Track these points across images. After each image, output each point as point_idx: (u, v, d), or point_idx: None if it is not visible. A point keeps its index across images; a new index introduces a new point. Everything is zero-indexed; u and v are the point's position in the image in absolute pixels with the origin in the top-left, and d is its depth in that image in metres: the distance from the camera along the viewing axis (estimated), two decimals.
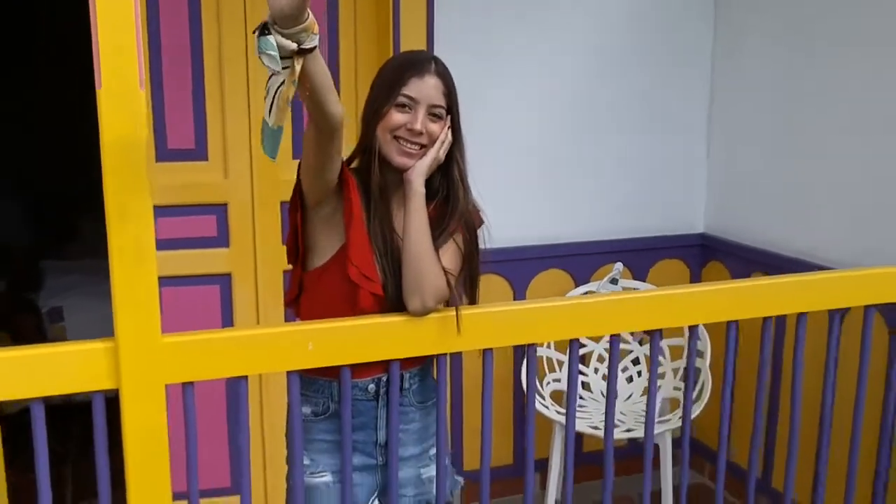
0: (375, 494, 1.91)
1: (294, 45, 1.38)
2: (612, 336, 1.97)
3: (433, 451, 1.95)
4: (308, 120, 1.66)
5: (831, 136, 2.98)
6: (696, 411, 2.93)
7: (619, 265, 3.29)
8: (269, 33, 1.36)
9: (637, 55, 3.40)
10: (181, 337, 1.68)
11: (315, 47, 1.42)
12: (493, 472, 1.94)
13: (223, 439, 3.18)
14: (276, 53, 1.36)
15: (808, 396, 2.56)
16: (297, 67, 1.40)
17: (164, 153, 3.01)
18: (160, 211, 2.90)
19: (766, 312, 2.16)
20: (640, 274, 3.49)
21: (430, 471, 1.95)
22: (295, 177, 1.83)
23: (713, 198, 3.56)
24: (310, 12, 1.39)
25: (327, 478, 1.86)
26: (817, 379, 2.35)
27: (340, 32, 3.14)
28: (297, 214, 1.80)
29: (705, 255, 3.56)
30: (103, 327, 3.75)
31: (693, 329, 2.09)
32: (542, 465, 3.17)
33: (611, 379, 1.96)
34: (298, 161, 1.82)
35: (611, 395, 1.95)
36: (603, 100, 3.40)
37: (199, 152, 3.04)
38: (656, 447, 2.96)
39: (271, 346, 1.74)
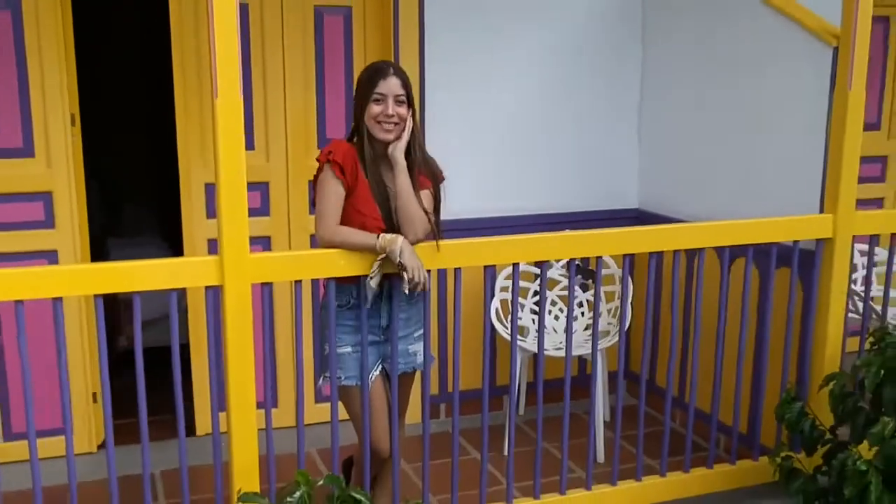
0: (379, 361, 2.90)
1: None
2: (569, 260, 2.97)
3: (417, 333, 2.94)
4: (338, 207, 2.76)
5: (727, 133, 3.97)
6: (611, 342, 3.89)
7: (567, 231, 4.27)
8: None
9: (585, 68, 4.38)
10: (259, 255, 2.69)
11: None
12: (463, 394, 2.94)
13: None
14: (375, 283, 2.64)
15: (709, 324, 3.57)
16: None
17: None
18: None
19: (675, 246, 3.17)
20: None
21: (415, 346, 2.94)
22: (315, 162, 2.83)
23: (643, 180, 4.54)
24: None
25: (348, 349, 2.84)
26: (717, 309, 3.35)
27: (354, 53, 4.12)
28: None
29: (639, 225, 4.54)
30: (158, 293, 4.81)
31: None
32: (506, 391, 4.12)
33: (571, 290, 2.94)
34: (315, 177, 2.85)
35: (569, 322, 2.93)
36: (557, 102, 4.38)
37: (248, 143, 4.01)
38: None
39: (315, 262, 2.74)
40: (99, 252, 5.05)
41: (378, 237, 2.69)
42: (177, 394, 2.70)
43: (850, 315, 3.61)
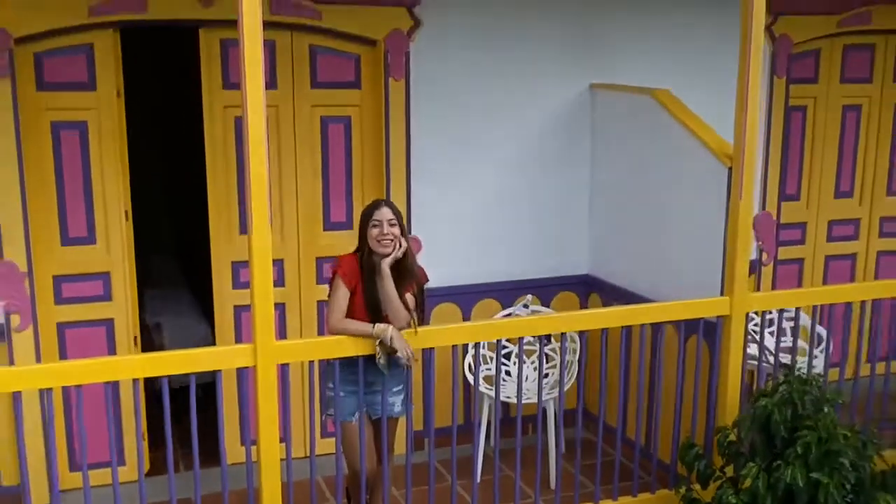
0: (364, 407, 3.84)
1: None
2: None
3: (395, 388, 3.87)
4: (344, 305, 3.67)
5: (654, 222, 4.89)
6: (567, 385, 4.82)
7: (529, 296, 5.21)
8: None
9: (544, 160, 5.30)
10: (282, 342, 3.61)
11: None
12: (437, 431, 3.85)
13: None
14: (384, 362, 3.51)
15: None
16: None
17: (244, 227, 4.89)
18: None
19: (604, 325, 4.12)
20: (545, 302, 5.39)
21: (394, 398, 3.88)
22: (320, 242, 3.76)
23: (592, 251, 5.46)
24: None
25: (341, 394, 3.77)
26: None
27: (353, 153, 5.03)
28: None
29: (588, 288, 5.46)
30: (187, 335, 5.74)
31: (563, 335, 4.01)
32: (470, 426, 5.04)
33: (520, 364, 3.87)
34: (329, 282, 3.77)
35: (522, 376, 3.85)
36: (519, 188, 5.30)
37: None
38: (545, 411, 4.87)
39: (326, 347, 3.67)
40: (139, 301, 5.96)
41: (373, 326, 3.62)
42: (221, 446, 3.62)
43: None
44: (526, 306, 5.20)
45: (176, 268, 7.02)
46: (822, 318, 4.88)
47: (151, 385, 5.25)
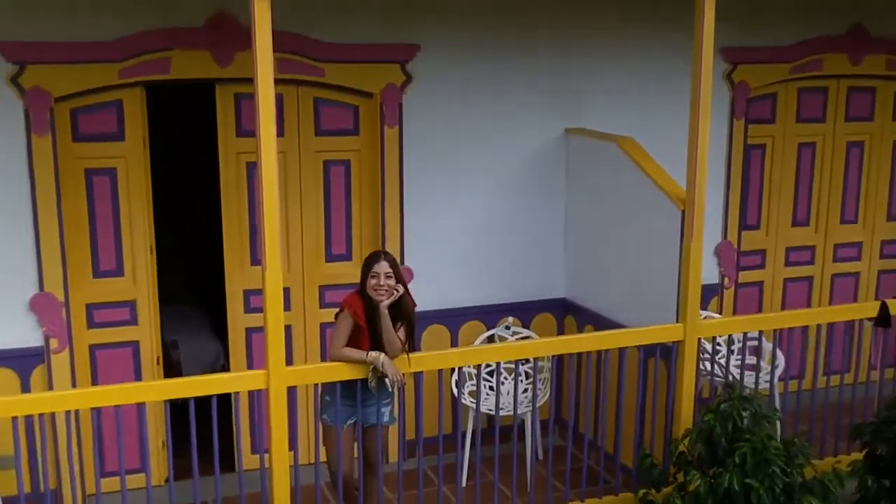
0: (354, 417, 4.43)
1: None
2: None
3: (384, 401, 4.47)
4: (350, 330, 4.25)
5: (620, 253, 5.48)
6: (541, 401, 5.39)
7: (510, 318, 5.81)
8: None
9: (524, 193, 5.89)
10: (292, 367, 4.21)
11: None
12: (426, 440, 4.44)
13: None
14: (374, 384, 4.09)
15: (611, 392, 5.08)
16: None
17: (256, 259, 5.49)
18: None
19: (573, 350, 4.71)
20: (526, 323, 5.97)
21: (383, 409, 4.48)
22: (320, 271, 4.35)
23: (568, 277, 6.05)
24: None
25: (335, 405, 4.36)
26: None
27: (352, 192, 5.62)
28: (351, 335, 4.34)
29: (565, 311, 6.05)
30: (201, 351, 6.35)
31: (535, 360, 4.60)
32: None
33: (497, 383, 4.45)
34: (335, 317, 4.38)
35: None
36: (502, 219, 5.88)
37: None
38: (523, 423, 5.45)
39: (329, 371, 4.26)
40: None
41: (367, 354, 4.22)
42: (238, 455, 4.21)
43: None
44: (508, 327, 5.79)
45: (191, 291, 7.59)
46: (779, 339, 5.46)
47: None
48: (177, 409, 4.34)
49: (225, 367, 6.12)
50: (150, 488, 4.24)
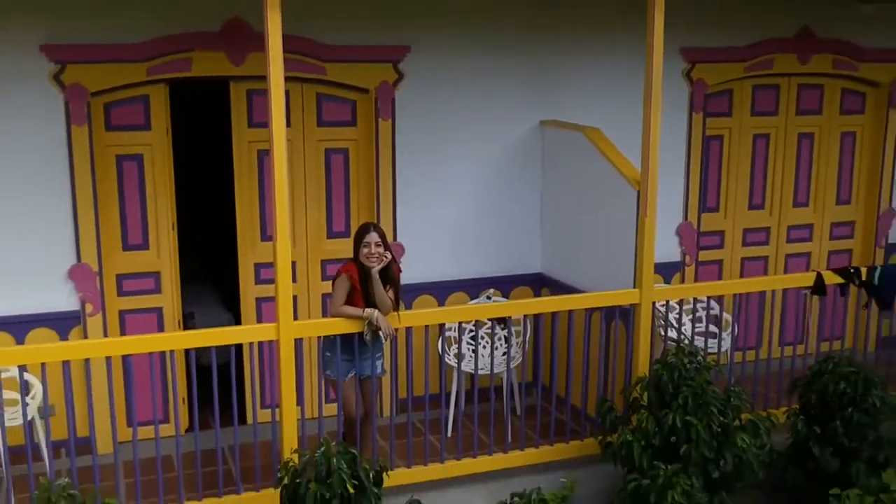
0: (353, 370, 5.13)
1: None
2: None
3: (377, 355, 5.18)
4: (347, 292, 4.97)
5: (593, 228, 6.19)
6: (515, 362, 6.10)
7: (491, 290, 6.52)
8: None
9: (504, 178, 6.60)
10: (298, 322, 4.93)
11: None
12: (417, 398, 5.16)
13: None
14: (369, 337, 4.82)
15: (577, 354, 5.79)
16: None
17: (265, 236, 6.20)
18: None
19: (542, 311, 5.42)
20: (505, 294, 6.68)
21: (376, 363, 5.18)
22: (320, 246, 5.06)
23: (543, 254, 6.77)
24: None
25: (336, 359, 5.07)
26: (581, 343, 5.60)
27: (350, 176, 6.33)
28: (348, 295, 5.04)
29: (541, 284, 6.76)
30: (215, 323, 7.06)
31: (510, 322, 5.32)
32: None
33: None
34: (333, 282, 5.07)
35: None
36: (484, 202, 6.59)
37: None
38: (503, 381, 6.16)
39: (330, 325, 4.98)
40: None
41: (364, 311, 4.93)
42: (254, 407, 4.92)
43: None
44: (489, 298, 6.50)
45: (204, 272, 8.32)
46: (737, 311, 6.18)
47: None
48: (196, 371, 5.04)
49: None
50: (179, 437, 4.94)
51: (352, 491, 4.31)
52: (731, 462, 5.00)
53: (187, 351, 4.93)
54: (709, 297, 6.10)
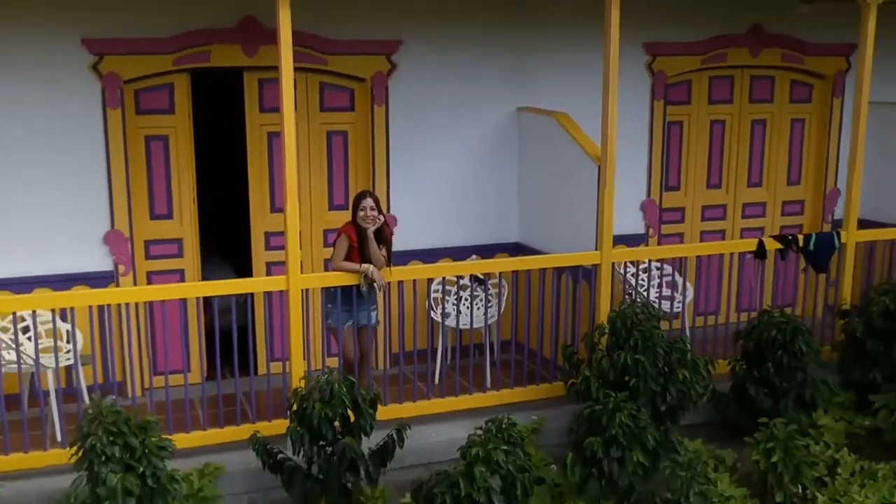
0: (351, 319, 5.98)
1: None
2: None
3: (372, 307, 6.04)
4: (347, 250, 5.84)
5: (563, 201, 7.03)
6: (492, 319, 6.94)
7: (474, 256, 7.36)
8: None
9: (486, 157, 7.44)
10: (305, 275, 5.79)
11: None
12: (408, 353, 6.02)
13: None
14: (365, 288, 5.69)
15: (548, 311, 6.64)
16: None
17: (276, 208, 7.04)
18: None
19: (516, 268, 6.33)
20: None
21: (371, 314, 6.04)
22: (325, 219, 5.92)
23: (521, 224, 7.61)
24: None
25: (336, 310, 5.92)
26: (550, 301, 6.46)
27: (349, 155, 7.18)
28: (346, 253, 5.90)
29: (518, 251, 7.58)
30: None
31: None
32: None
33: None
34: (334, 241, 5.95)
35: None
36: (468, 177, 7.43)
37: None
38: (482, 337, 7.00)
39: (333, 278, 5.84)
40: None
41: (361, 265, 5.78)
42: (268, 355, 5.78)
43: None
44: None
45: (214, 243, 9.13)
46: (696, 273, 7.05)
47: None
48: (210, 332, 5.88)
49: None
50: (205, 383, 5.80)
51: (350, 412, 5.16)
52: (676, 395, 5.84)
53: (208, 306, 5.78)
54: (662, 261, 6.95)
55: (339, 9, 6.83)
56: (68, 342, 5.94)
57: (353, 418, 5.30)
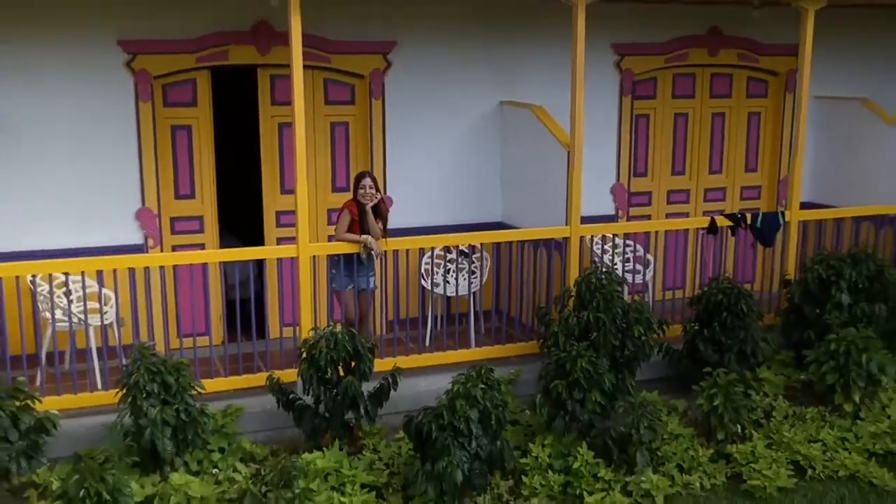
0: (352, 284, 6.92)
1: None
2: (457, 247, 7.01)
3: (370, 273, 6.98)
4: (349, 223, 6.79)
5: (537, 182, 7.97)
6: (476, 287, 7.88)
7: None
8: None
9: (472, 144, 8.36)
10: (313, 244, 6.74)
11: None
12: (402, 321, 6.96)
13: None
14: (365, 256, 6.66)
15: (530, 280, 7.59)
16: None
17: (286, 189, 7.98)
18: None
19: (496, 240, 7.22)
20: None
21: (370, 279, 6.99)
22: (326, 200, 6.85)
23: (504, 205, 8.54)
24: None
25: (339, 275, 6.87)
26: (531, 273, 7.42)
27: (350, 143, 8.11)
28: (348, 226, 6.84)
29: (500, 229, 8.52)
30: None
31: (479, 245, 7.13)
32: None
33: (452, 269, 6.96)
34: (338, 215, 6.89)
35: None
36: (458, 164, 8.36)
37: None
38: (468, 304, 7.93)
39: (337, 247, 6.78)
40: None
41: (360, 236, 6.71)
42: (283, 313, 6.72)
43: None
44: None
45: (226, 225, 10.05)
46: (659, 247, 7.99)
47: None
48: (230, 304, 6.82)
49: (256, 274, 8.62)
50: (227, 344, 6.72)
51: (352, 356, 6.11)
52: (632, 348, 6.77)
53: (225, 276, 6.73)
54: (627, 236, 7.89)
55: (341, 13, 7.76)
56: (106, 305, 6.87)
57: (354, 365, 6.24)
